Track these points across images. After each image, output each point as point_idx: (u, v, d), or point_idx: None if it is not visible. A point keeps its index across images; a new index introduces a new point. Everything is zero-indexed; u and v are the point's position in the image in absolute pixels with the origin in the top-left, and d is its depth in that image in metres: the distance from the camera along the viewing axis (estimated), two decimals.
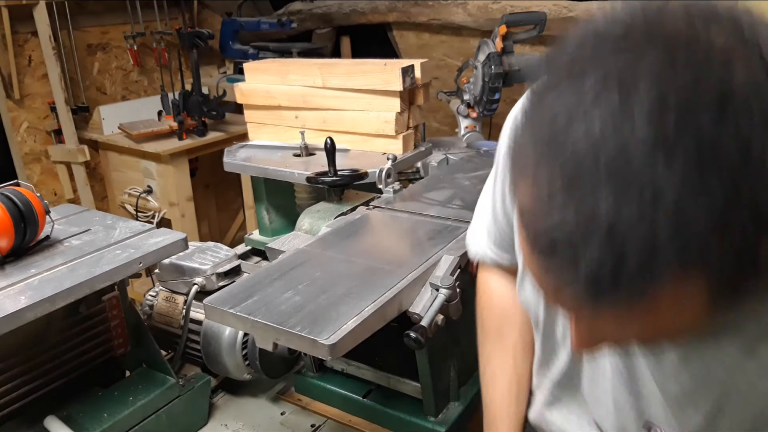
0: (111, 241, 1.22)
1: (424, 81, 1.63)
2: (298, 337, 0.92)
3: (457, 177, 1.61)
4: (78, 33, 3.12)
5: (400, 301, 1.04)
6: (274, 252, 1.40)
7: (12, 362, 1.13)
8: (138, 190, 3.04)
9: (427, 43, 3.21)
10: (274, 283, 1.07)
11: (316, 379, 1.41)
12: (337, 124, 1.68)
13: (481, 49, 2.07)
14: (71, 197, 3.05)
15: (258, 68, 1.79)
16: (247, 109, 1.82)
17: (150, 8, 3.27)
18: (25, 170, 3.00)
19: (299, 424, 1.36)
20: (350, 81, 1.62)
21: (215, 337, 1.35)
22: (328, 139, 1.43)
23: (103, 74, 3.30)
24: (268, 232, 1.74)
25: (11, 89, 2.86)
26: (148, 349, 1.32)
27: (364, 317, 0.96)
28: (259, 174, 1.64)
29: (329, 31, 3.50)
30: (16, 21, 2.80)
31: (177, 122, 2.90)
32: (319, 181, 1.46)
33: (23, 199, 1.12)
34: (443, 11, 2.97)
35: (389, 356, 1.34)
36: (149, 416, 1.25)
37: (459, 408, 1.31)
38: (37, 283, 1.07)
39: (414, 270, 1.09)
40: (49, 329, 1.19)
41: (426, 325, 1.02)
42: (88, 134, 3.09)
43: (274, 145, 1.78)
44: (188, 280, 1.40)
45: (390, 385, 1.34)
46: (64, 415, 1.18)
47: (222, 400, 1.44)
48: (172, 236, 1.24)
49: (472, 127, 2.18)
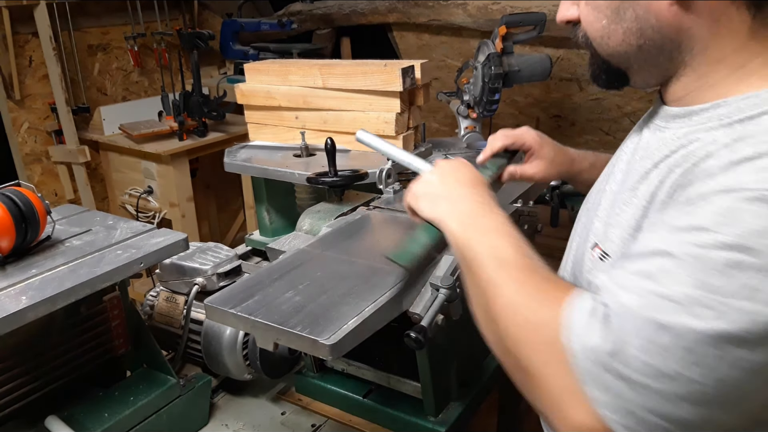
0: (112, 242, 1.22)
1: (424, 81, 1.64)
2: (299, 337, 0.92)
3: None
4: (78, 34, 3.12)
5: (400, 301, 1.04)
6: (275, 252, 1.41)
7: (13, 362, 1.13)
8: (138, 191, 3.05)
9: (427, 44, 3.21)
10: (274, 283, 1.07)
11: (317, 379, 1.41)
12: (338, 125, 1.68)
13: (481, 50, 2.07)
14: (72, 198, 3.06)
15: (258, 69, 1.79)
16: (247, 110, 1.83)
17: (150, 9, 3.27)
18: (26, 171, 3.01)
19: (300, 424, 1.36)
20: (350, 82, 1.62)
21: (216, 337, 1.35)
22: (328, 140, 1.43)
23: (104, 75, 3.31)
24: (268, 232, 1.74)
25: (12, 90, 2.87)
26: (149, 350, 1.33)
27: (365, 317, 0.96)
28: (260, 174, 1.64)
29: (329, 31, 3.50)
30: (17, 22, 2.80)
31: (177, 123, 2.90)
32: (320, 181, 1.46)
33: (24, 199, 1.12)
34: (443, 12, 2.97)
35: (389, 356, 1.34)
36: (150, 416, 1.25)
37: (459, 408, 1.31)
38: (38, 283, 1.07)
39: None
40: (50, 329, 1.20)
41: (426, 325, 1.02)
42: (88, 135, 3.10)
43: (274, 145, 1.78)
44: (189, 280, 1.40)
45: (390, 385, 1.34)
46: (64, 415, 1.18)
47: (222, 400, 1.44)
48: (173, 236, 1.25)
49: (471, 128, 2.18)
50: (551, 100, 2.89)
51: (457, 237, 0.81)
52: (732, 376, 0.56)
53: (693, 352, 0.56)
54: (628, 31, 0.71)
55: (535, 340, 0.66)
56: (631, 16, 0.70)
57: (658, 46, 0.70)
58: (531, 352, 0.67)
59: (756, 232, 0.55)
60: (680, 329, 0.57)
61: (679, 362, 0.57)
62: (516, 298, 0.70)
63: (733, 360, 0.55)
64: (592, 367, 0.61)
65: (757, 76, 0.68)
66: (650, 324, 0.58)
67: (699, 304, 0.56)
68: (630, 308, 0.60)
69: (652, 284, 0.60)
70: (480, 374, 1.41)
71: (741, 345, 0.55)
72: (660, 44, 0.70)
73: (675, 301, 0.58)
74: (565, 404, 0.63)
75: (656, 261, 0.61)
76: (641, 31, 0.70)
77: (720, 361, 0.56)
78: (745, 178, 0.58)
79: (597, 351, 0.60)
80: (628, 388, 0.59)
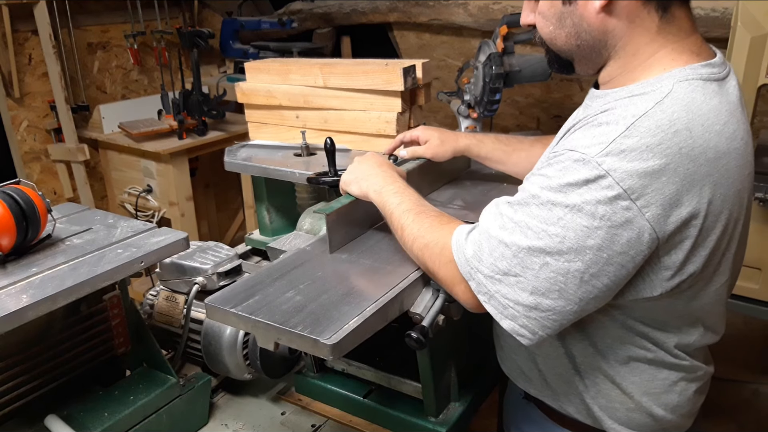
0: (112, 240, 1.22)
1: (425, 81, 1.63)
2: (300, 337, 0.92)
3: (458, 177, 1.61)
4: (78, 32, 3.12)
5: (401, 301, 1.04)
6: (276, 252, 1.40)
7: (13, 361, 1.13)
8: (138, 190, 3.04)
9: (428, 44, 3.21)
10: (275, 282, 1.07)
11: (317, 379, 1.41)
12: (338, 124, 1.68)
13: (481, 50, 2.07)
14: (71, 196, 3.05)
15: (259, 68, 1.79)
16: (247, 109, 1.82)
17: (150, 7, 3.27)
18: (25, 169, 3.00)
19: (300, 424, 1.36)
20: (351, 81, 1.62)
21: (216, 336, 1.35)
22: (327, 140, 1.43)
23: (103, 73, 3.30)
24: (268, 231, 1.74)
25: (11, 88, 2.86)
26: (149, 349, 1.32)
27: (366, 317, 0.96)
28: (260, 174, 1.64)
29: (330, 30, 3.50)
30: (17, 19, 2.80)
31: (177, 121, 2.90)
32: (320, 181, 1.46)
33: (25, 197, 1.12)
34: (444, 11, 2.97)
35: (390, 356, 1.34)
36: (150, 416, 1.25)
37: (460, 408, 1.31)
38: (39, 281, 1.07)
39: (415, 270, 1.10)
40: (50, 328, 1.19)
41: (427, 326, 1.02)
42: (88, 133, 3.09)
43: (274, 144, 1.78)
44: (189, 280, 1.40)
45: (391, 386, 1.34)
46: (64, 414, 1.18)
47: (222, 399, 1.44)
48: (173, 235, 1.24)
49: (472, 128, 2.18)
50: (552, 100, 2.89)
51: (376, 201, 1.13)
52: (543, 274, 0.84)
53: (520, 257, 0.85)
54: (569, 35, 0.92)
55: (434, 255, 0.99)
56: (570, 23, 0.91)
57: (590, 44, 0.91)
58: (432, 263, 0.99)
59: (570, 184, 0.81)
60: (512, 244, 0.86)
61: (513, 265, 0.86)
62: (416, 231, 1.02)
63: (543, 263, 0.84)
64: (466, 267, 0.92)
65: (660, 65, 0.88)
66: (496, 239, 0.88)
67: (528, 227, 0.85)
68: (487, 229, 0.90)
69: (508, 210, 0.88)
70: (480, 374, 1.41)
71: (549, 255, 0.83)
72: (592, 43, 0.91)
73: (516, 224, 0.86)
74: (456, 289, 0.96)
75: (519, 195, 0.88)
76: (578, 34, 0.91)
77: (537, 264, 0.84)
78: (582, 141, 0.83)
79: (467, 257, 0.91)
80: (486, 280, 0.89)
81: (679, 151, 0.80)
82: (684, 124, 0.81)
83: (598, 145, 0.81)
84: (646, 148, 0.79)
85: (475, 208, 1.38)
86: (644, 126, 0.80)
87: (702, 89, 0.85)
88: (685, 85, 0.85)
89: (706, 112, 0.83)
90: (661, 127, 0.80)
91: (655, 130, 0.80)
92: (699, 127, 0.81)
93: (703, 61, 0.88)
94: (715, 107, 0.84)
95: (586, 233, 0.81)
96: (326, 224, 1.17)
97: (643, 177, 0.79)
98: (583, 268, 0.82)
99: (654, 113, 0.81)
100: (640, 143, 0.79)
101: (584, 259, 0.82)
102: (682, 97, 0.83)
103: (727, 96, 0.88)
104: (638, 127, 0.80)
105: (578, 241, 0.81)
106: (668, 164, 0.79)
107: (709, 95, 0.85)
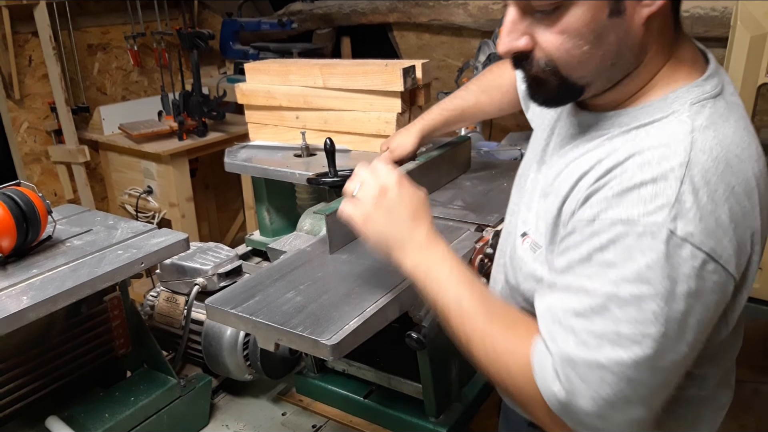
0: (113, 242, 1.22)
1: (425, 81, 1.63)
2: (300, 338, 0.92)
3: (458, 178, 1.61)
4: (78, 33, 3.12)
5: (401, 302, 1.04)
6: (276, 252, 1.40)
7: (14, 362, 1.13)
8: (138, 191, 3.04)
9: (428, 44, 3.21)
10: (275, 283, 1.07)
11: (317, 380, 1.41)
12: (338, 125, 1.68)
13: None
14: (71, 198, 3.05)
15: (259, 68, 1.79)
16: (247, 110, 1.82)
17: (150, 8, 3.27)
18: (25, 170, 3.00)
19: (300, 424, 1.36)
20: (351, 81, 1.62)
21: (216, 337, 1.35)
22: (327, 140, 1.43)
23: (104, 74, 3.31)
24: (268, 232, 1.74)
25: (11, 89, 2.87)
26: (149, 350, 1.33)
27: (366, 318, 0.96)
28: (260, 174, 1.64)
29: (329, 31, 3.50)
30: (17, 21, 2.80)
31: (177, 122, 2.90)
32: (320, 181, 1.46)
33: (25, 199, 1.12)
34: (444, 12, 2.97)
35: (390, 357, 1.34)
36: (150, 416, 1.25)
37: (460, 409, 1.31)
38: (39, 283, 1.07)
39: None
40: (51, 329, 1.19)
41: (427, 326, 1.02)
42: (88, 134, 3.09)
43: (274, 145, 1.78)
44: (189, 281, 1.40)
45: (391, 386, 1.34)
46: (65, 415, 1.18)
47: (223, 400, 1.44)
48: (173, 236, 1.24)
49: (472, 128, 2.18)
50: None
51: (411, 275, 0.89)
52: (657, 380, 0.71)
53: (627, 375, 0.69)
54: (607, 54, 0.75)
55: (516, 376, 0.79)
56: (614, 40, 0.74)
57: (627, 62, 0.77)
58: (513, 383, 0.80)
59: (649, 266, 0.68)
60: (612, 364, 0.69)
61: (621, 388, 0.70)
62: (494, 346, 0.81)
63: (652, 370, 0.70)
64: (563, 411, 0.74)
65: (662, 80, 0.78)
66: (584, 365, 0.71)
67: (619, 336, 0.69)
68: (568, 356, 0.72)
69: (580, 323, 0.71)
70: (481, 375, 1.41)
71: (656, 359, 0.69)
72: (629, 61, 0.76)
73: (601, 338, 0.70)
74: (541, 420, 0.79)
75: (582, 300, 0.72)
76: (618, 53, 0.75)
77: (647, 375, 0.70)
78: (636, 210, 0.69)
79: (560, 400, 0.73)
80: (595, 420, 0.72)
81: (732, 192, 0.72)
82: (724, 160, 0.72)
83: (659, 211, 0.69)
84: (708, 200, 0.70)
85: (475, 208, 1.38)
86: (696, 175, 0.70)
87: (715, 110, 0.76)
88: (698, 108, 0.76)
89: (731, 135, 0.75)
90: (709, 170, 0.71)
91: (706, 175, 0.71)
92: (734, 159, 0.73)
93: (702, 75, 0.79)
94: (736, 129, 0.76)
95: (686, 314, 0.69)
96: (326, 225, 1.17)
97: (717, 231, 0.70)
98: (688, 351, 0.72)
99: (696, 157, 0.71)
100: (701, 196, 0.69)
101: (688, 340, 0.71)
102: (707, 125, 0.74)
103: (738, 109, 0.80)
104: (692, 178, 0.70)
105: (681, 328, 0.69)
106: (731, 208, 0.71)
107: (724, 116, 0.76)
